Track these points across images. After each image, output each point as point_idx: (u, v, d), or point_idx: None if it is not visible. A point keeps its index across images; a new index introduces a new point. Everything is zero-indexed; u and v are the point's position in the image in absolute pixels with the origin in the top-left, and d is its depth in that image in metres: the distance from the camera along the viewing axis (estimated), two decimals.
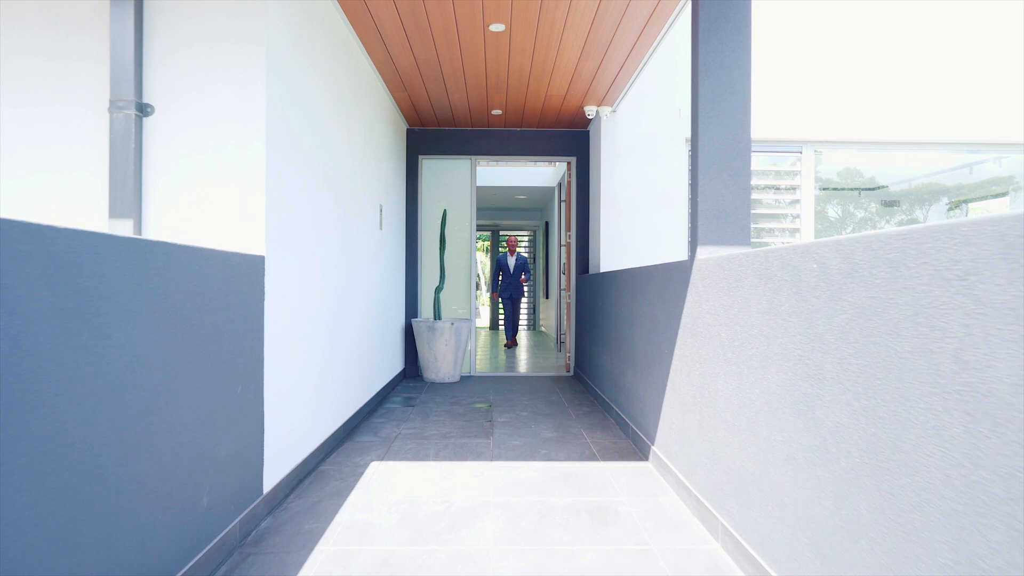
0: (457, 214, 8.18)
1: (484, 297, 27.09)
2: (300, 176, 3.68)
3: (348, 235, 4.96)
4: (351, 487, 3.69)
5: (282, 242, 3.38)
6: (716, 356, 2.92)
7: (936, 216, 7.94)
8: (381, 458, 4.28)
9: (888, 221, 7.92)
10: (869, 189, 7.91)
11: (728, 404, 2.77)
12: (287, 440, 3.53)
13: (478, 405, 6.13)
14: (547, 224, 15.05)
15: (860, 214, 7.91)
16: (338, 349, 4.63)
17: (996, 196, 7.96)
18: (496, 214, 16.80)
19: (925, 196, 7.93)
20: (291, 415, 3.59)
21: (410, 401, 6.36)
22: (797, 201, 7.41)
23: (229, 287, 2.75)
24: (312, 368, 3.97)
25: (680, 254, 7.18)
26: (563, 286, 9.31)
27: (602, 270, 7.09)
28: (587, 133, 8.02)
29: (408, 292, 8.00)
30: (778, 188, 7.55)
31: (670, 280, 3.70)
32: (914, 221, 8.04)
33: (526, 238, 17.82)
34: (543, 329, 16.13)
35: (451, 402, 6.28)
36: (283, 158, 3.37)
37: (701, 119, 3.27)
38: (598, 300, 6.43)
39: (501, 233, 18.13)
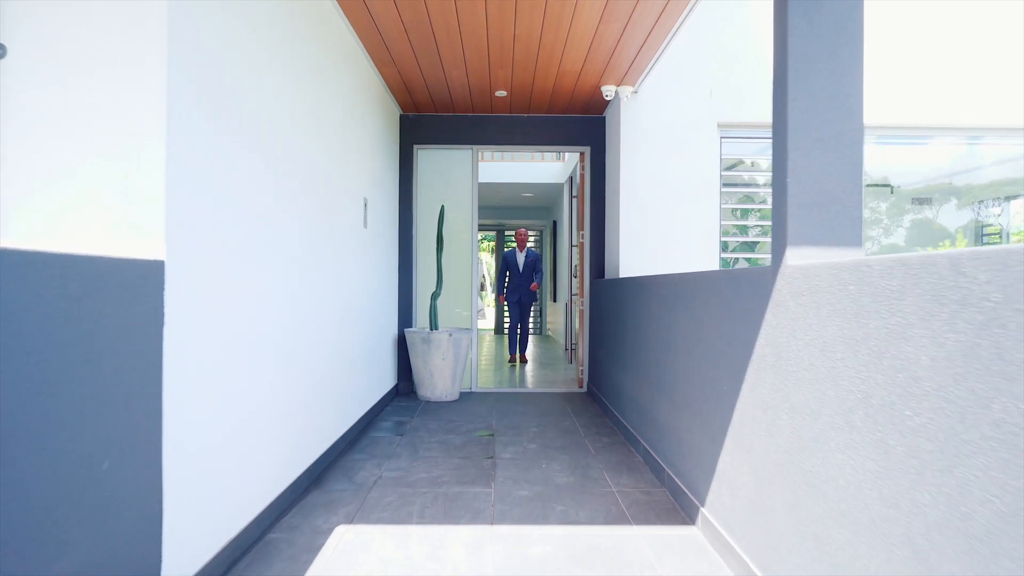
0: (457, 211, 7.18)
1: (489, 298, 26.08)
2: (235, 151, 2.68)
3: (318, 233, 3.96)
4: (302, 572, 2.68)
5: (201, 240, 2.38)
6: (828, 413, 1.91)
7: (949, 216, 6.95)
8: (350, 519, 3.27)
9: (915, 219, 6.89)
10: (881, 185, 6.90)
11: (856, 493, 1.76)
12: (208, 514, 2.52)
13: (478, 433, 5.13)
14: (555, 224, 14.03)
15: (885, 219, 6.89)
16: (299, 377, 3.63)
17: (1009, 198, 6.97)
18: (501, 213, 15.79)
19: (937, 196, 6.93)
20: (216, 476, 2.58)
21: (400, 427, 5.36)
22: None
23: (90, 310, 1.75)
24: (254, 407, 2.97)
25: (711, 258, 6.16)
26: (574, 290, 8.29)
27: (621, 275, 6.08)
28: (603, 120, 7.01)
29: (401, 298, 6.99)
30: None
31: (735, 293, 2.68)
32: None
33: (533, 238, 16.80)
34: (550, 334, 15.12)
35: (447, 429, 5.28)
36: (201, 120, 2.37)
37: (792, 64, 2.26)
38: (618, 310, 5.42)
39: (506, 233, 17.11)
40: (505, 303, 10.03)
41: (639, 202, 6.10)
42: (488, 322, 21.21)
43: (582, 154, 7.19)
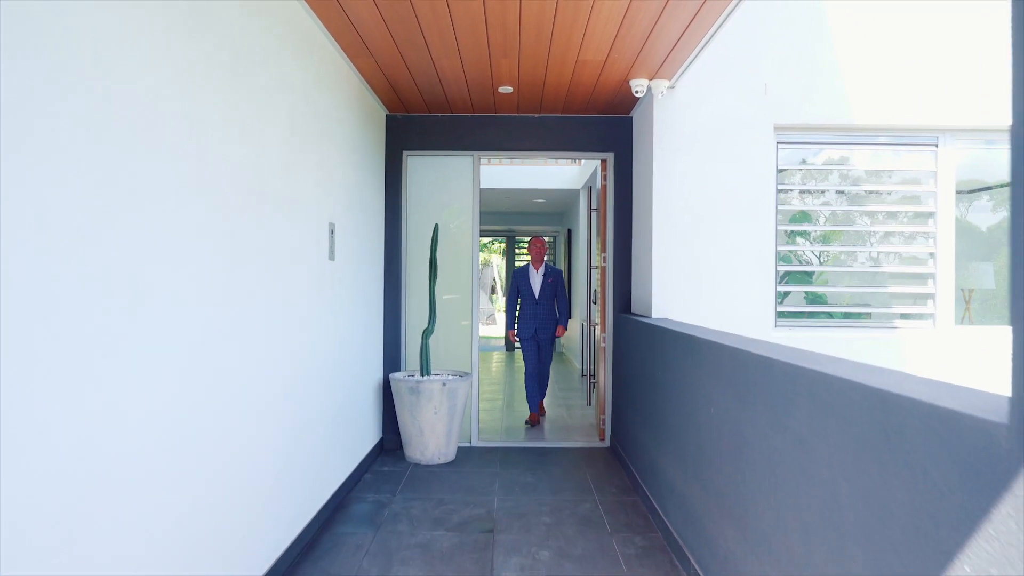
0: (455, 229, 6.05)
1: (500, 302, 24.88)
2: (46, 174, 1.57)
3: (250, 272, 2.87)
4: None
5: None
6: None
7: None
8: None
9: None
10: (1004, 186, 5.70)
11: None
12: None
13: (473, 527, 4.01)
14: (570, 232, 12.90)
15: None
16: (208, 491, 2.52)
17: None
18: (510, 218, 14.67)
19: None
20: None
21: (376, 514, 4.26)
22: (931, 214, 5.20)
23: None
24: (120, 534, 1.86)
25: (765, 292, 5.01)
26: (593, 318, 7.16)
27: (655, 314, 4.94)
28: (629, 120, 5.86)
29: (388, 335, 5.88)
30: (883, 194, 5.36)
31: (892, 441, 1.54)
32: None
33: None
34: (563, 350, 13.99)
35: (435, 518, 4.17)
36: None
37: None
38: (652, 363, 4.28)
39: (518, 240, 15.98)
40: (517, 340, 7.09)
41: (676, 222, 4.96)
42: (498, 327, 19.97)
43: (604, 162, 6.06)
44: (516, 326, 7.06)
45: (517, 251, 16.30)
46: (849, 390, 1.76)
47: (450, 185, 6.05)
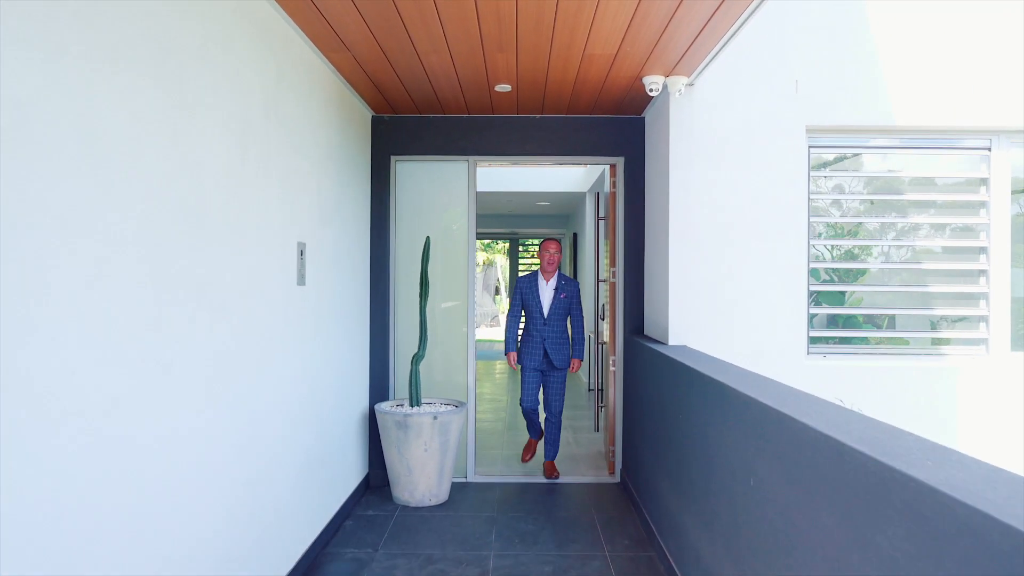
0: (449, 241, 5.52)
1: (505, 303, 24.34)
2: None
3: (185, 311, 2.34)
4: None
5: None
6: None
7: None
8: None
9: None
10: None
11: None
12: None
13: None
14: (575, 236, 12.35)
15: None
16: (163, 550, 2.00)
17: None
18: (513, 221, 14.14)
19: None
20: None
21: (355, 573, 3.72)
22: (983, 226, 4.64)
23: None
24: None
25: (797, 311, 4.46)
26: (601, 334, 6.61)
27: (672, 340, 4.39)
28: (642, 121, 5.31)
29: (375, 361, 5.35)
30: (927, 203, 4.79)
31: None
32: None
33: None
34: None
35: None
36: None
37: None
38: (673, 404, 3.74)
39: (528, 244, 15.45)
40: (518, 365, 5.65)
41: (695, 236, 4.41)
42: (502, 330, 19.30)
43: (613, 167, 5.51)
44: (518, 349, 5.64)
45: (521, 253, 15.77)
46: (985, 525, 1.21)
47: (444, 193, 5.51)
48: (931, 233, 4.82)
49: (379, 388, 5.35)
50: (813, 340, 4.61)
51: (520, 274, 15.53)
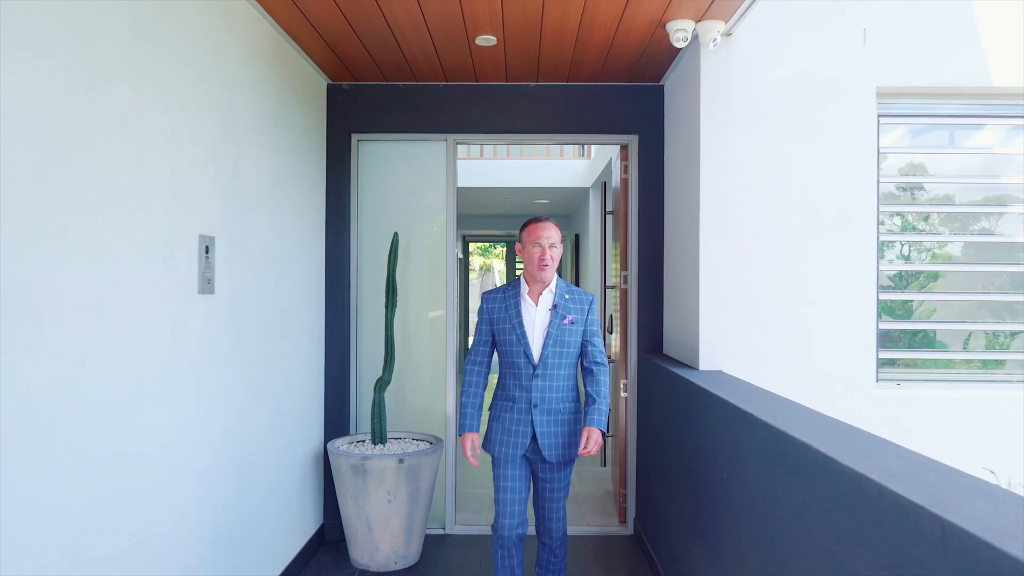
0: (425, 239, 4.57)
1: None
2: None
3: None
4: None
5: None
6: None
7: None
8: None
9: None
10: None
11: None
12: None
13: None
14: (577, 238, 11.39)
15: None
16: None
17: None
18: (510, 222, 13.16)
19: None
20: None
21: None
22: None
23: None
24: None
25: (863, 329, 3.50)
26: (612, 352, 5.64)
27: (703, 362, 3.44)
28: (660, 90, 4.37)
29: (332, 388, 4.39)
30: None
31: None
32: None
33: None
34: None
35: None
36: None
37: None
38: (711, 449, 2.78)
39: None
40: (474, 450, 3.07)
41: (734, 228, 3.47)
42: None
43: (624, 147, 4.55)
44: (488, 427, 3.15)
45: (519, 258, 14.82)
46: None
47: (417, 180, 4.55)
48: None
49: (337, 421, 4.38)
50: (883, 363, 3.65)
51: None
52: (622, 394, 4.63)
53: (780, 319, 3.48)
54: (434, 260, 4.56)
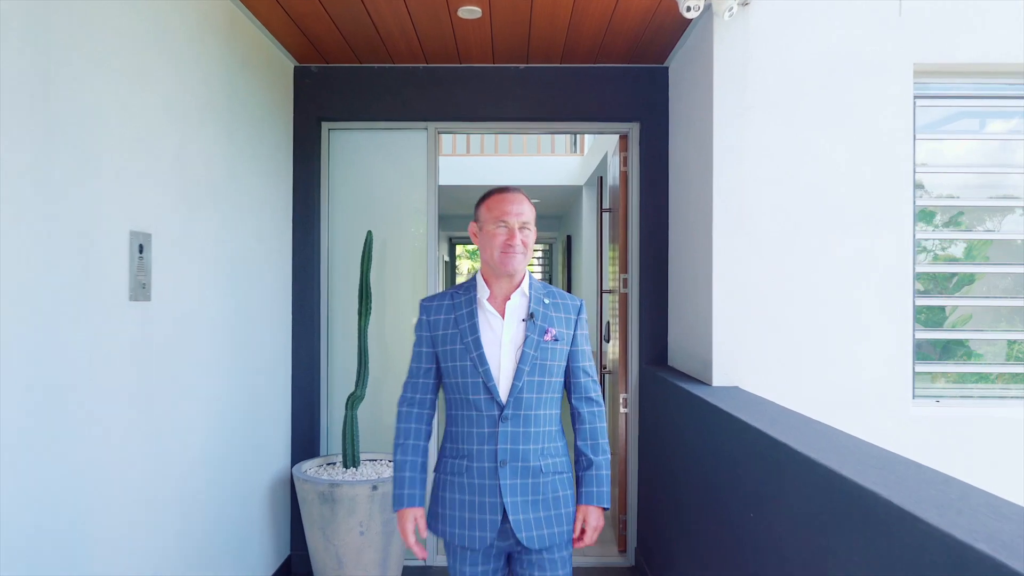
0: (405, 239, 4.18)
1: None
2: None
3: None
4: None
5: None
6: None
7: None
8: None
9: None
10: None
11: None
12: None
13: None
14: (569, 239, 11.03)
15: None
16: None
17: None
18: None
19: None
20: None
21: None
22: None
23: None
24: None
25: (899, 339, 3.14)
26: (604, 356, 5.27)
27: (720, 378, 3.08)
28: (664, 72, 4.01)
29: (299, 404, 3.99)
30: None
31: None
32: None
33: (541, 257, 13.82)
34: None
35: None
36: None
37: None
38: (729, 478, 2.40)
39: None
40: (418, 532, 2.15)
41: (751, 226, 3.10)
42: None
43: (624, 137, 4.19)
44: (433, 498, 2.22)
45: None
46: None
47: (395, 173, 4.17)
48: None
49: (306, 441, 3.98)
50: (920, 377, 3.29)
51: None
52: (622, 409, 4.26)
53: (803, 327, 3.12)
54: (415, 262, 4.17)
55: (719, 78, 3.12)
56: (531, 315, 2.11)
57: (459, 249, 23.12)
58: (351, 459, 3.67)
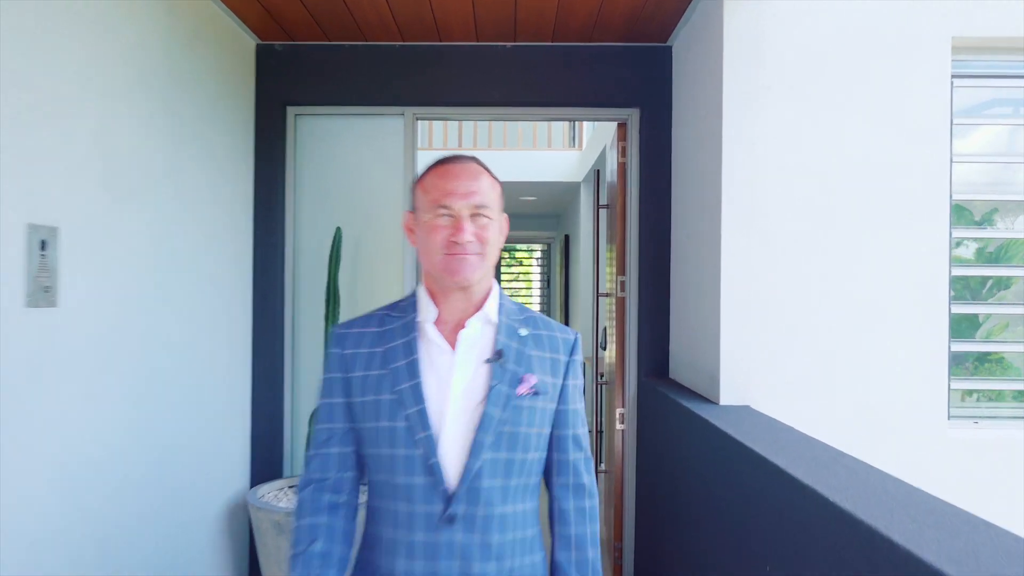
0: (381, 236, 3.83)
1: None
2: None
3: None
4: None
5: None
6: None
7: None
8: None
9: None
10: None
11: None
12: None
13: None
14: (567, 239, 10.69)
15: None
16: None
17: None
18: None
19: None
20: None
21: None
22: None
23: None
24: None
25: (932, 352, 2.79)
26: (600, 372, 4.93)
27: (727, 396, 2.73)
28: (667, 52, 3.67)
29: (260, 420, 3.64)
30: None
31: None
32: None
33: (538, 257, 13.49)
34: None
35: None
36: None
37: None
38: (742, 513, 2.06)
39: (507, 248, 13.77)
40: None
41: (764, 222, 2.77)
42: None
43: (622, 125, 3.84)
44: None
45: (507, 260, 14.10)
46: None
47: (370, 164, 3.82)
48: None
49: (268, 461, 3.64)
50: (954, 394, 2.94)
51: (503, 284, 13.83)
52: (618, 426, 3.91)
53: (823, 338, 2.77)
54: (390, 262, 3.82)
55: (729, 56, 2.77)
56: (499, 354, 1.41)
57: None
58: None
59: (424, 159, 5.13)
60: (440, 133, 8.92)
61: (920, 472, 2.00)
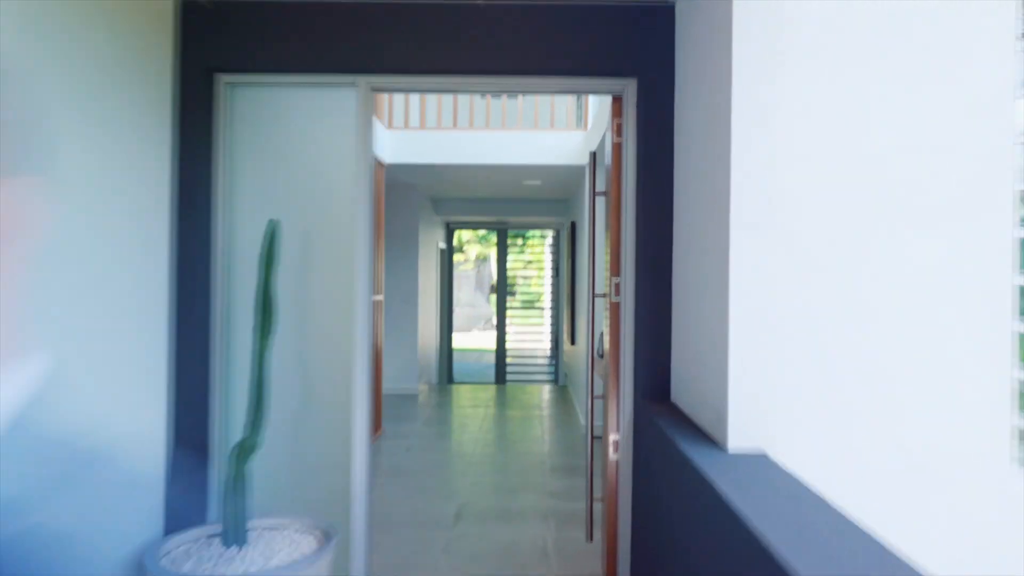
0: (332, 232, 3.31)
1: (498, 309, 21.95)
2: None
3: None
4: None
5: None
6: None
7: None
8: None
9: None
10: None
11: None
12: None
13: None
14: (573, 225, 10.14)
15: None
16: None
17: None
18: (500, 207, 11.93)
19: None
20: None
21: None
22: None
23: None
24: None
25: (994, 376, 2.24)
26: (593, 383, 4.39)
27: (736, 440, 2.19)
28: (669, 12, 3.10)
29: (179, 455, 3.14)
30: None
31: None
32: None
33: (545, 243, 12.96)
34: (565, 383, 11.28)
35: None
36: None
37: None
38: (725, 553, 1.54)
39: (511, 233, 13.27)
40: None
41: (783, 217, 2.22)
42: (488, 338, 16.19)
43: (618, 101, 3.29)
44: None
45: (510, 246, 13.57)
46: None
47: (316, 143, 3.29)
48: None
49: (184, 505, 3.13)
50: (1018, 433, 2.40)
51: (509, 273, 13.26)
52: (611, 456, 3.38)
53: (857, 363, 2.23)
54: (343, 263, 3.29)
55: (740, 16, 2.21)
56: None
57: (468, 234, 22.09)
58: (234, 534, 2.81)
59: (428, 138, 4.60)
60: (433, 110, 8.37)
61: (983, 536, 1.53)
